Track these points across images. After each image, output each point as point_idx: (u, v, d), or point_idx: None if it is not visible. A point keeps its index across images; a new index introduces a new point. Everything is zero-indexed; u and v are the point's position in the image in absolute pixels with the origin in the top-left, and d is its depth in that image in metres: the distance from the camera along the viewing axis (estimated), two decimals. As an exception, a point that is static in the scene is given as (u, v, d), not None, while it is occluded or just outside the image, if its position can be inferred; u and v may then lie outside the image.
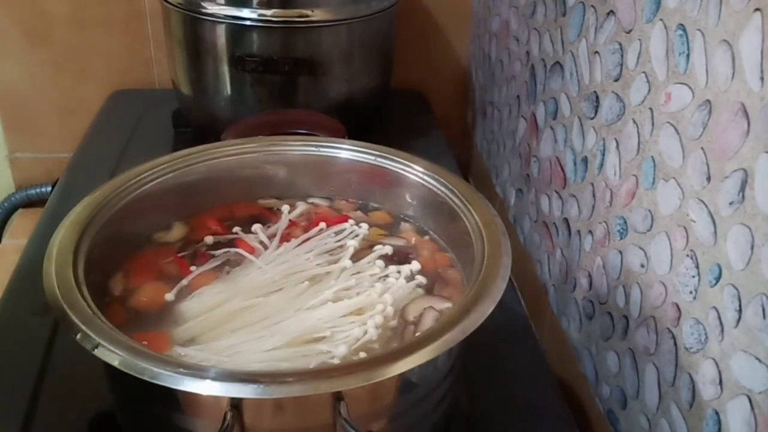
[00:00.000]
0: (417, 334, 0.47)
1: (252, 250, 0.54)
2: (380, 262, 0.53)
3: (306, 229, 0.56)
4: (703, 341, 0.46)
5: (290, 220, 0.57)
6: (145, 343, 0.44)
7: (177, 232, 0.56)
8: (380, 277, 0.51)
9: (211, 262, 0.52)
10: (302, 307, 0.48)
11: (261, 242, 0.55)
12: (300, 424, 0.41)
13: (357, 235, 0.56)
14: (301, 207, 0.59)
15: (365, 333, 0.46)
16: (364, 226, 0.57)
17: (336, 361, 0.44)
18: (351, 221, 0.57)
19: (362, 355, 0.45)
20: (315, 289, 0.50)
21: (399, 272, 0.52)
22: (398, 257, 0.54)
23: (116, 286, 0.50)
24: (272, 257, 0.53)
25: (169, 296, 0.49)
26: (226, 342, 0.45)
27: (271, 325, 0.47)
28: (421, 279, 0.52)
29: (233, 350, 0.45)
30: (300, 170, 0.60)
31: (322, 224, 0.56)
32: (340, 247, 0.54)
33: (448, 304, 0.49)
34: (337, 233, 0.56)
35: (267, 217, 0.58)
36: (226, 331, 0.47)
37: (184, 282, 0.50)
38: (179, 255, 0.53)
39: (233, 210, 0.58)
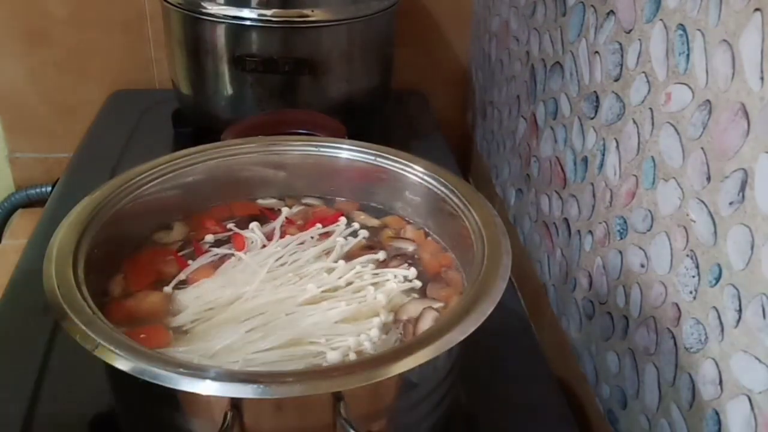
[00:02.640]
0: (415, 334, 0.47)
1: (243, 247, 0.54)
2: (371, 263, 0.53)
3: (302, 229, 0.56)
4: (703, 341, 0.46)
5: (287, 218, 0.57)
6: (143, 336, 0.44)
7: (177, 232, 0.56)
8: (374, 280, 0.51)
9: (206, 257, 0.53)
10: (294, 305, 0.48)
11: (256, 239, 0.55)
12: (300, 424, 0.41)
13: (356, 235, 0.56)
14: (298, 206, 0.59)
15: (360, 345, 0.46)
16: (356, 225, 0.57)
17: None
18: (343, 219, 0.57)
19: (352, 356, 0.45)
20: (303, 283, 0.50)
21: (394, 276, 0.52)
22: (398, 259, 0.54)
23: (116, 287, 0.50)
24: (266, 253, 0.53)
25: (167, 289, 0.50)
26: (219, 342, 0.45)
27: (264, 325, 0.47)
28: (416, 282, 0.52)
29: (226, 351, 0.45)
30: (300, 170, 0.60)
31: (318, 225, 0.56)
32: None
33: (441, 304, 0.49)
34: (330, 232, 0.56)
35: (266, 217, 0.58)
36: (218, 324, 0.47)
37: (182, 275, 0.51)
38: (179, 254, 0.53)
39: (233, 210, 0.58)
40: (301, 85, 0.85)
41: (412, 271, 0.52)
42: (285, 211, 0.58)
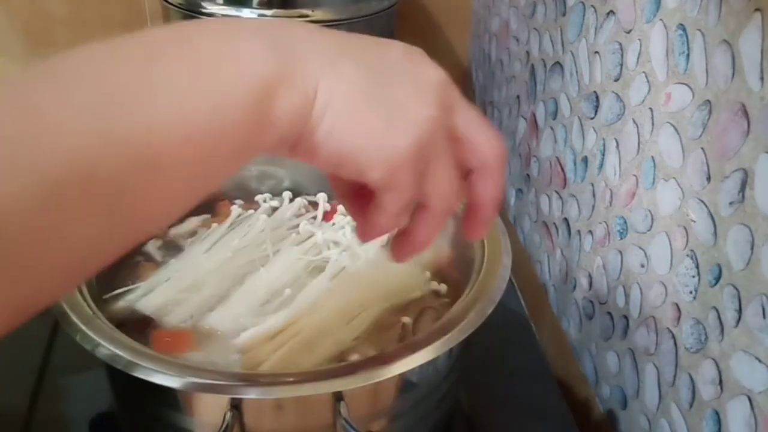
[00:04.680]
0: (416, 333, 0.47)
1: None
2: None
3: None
4: (703, 341, 0.46)
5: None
6: (168, 339, 0.44)
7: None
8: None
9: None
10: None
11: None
12: (300, 424, 0.41)
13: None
14: (298, 203, 0.59)
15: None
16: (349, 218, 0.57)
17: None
18: (341, 208, 0.57)
19: (356, 357, 0.45)
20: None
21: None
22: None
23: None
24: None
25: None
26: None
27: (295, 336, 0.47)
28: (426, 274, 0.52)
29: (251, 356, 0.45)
30: (300, 170, 0.60)
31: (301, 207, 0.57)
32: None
33: (440, 302, 0.49)
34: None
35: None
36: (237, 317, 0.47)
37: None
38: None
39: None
40: (301, 85, 0.85)
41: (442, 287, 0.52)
42: (322, 196, 0.59)
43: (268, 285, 0.49)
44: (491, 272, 0.45)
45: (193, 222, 0.55)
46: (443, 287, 0.50)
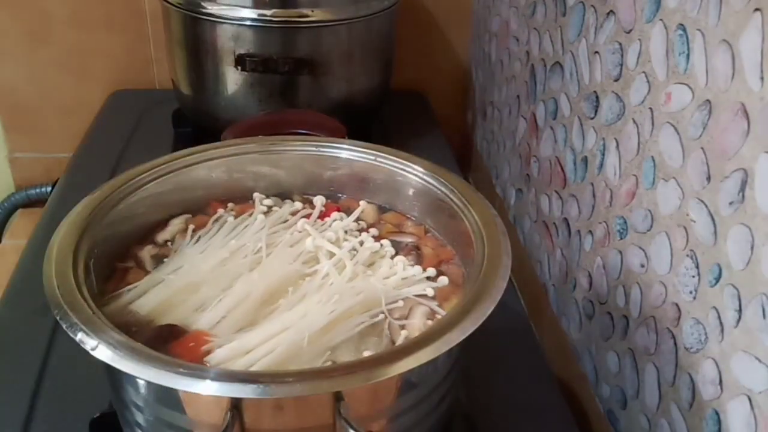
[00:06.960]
0: (403, 330, 0.47)
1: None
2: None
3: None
4: (703, 341, 0.46)
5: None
6: (192, 344, 0.44)
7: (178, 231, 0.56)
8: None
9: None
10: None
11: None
12: (300, 424, 0.41)
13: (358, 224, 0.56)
14: (297, 203, 0.59)
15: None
16: (348, 219, 0.57)
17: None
18: (337, 214, 0.57)
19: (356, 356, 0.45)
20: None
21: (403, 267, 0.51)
22: (402, 248, 0.54)
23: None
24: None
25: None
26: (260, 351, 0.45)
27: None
28: (430, 271, 0.52)
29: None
30: (300, 170, 0.60)
31: (301, 210, 0.57)
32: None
33: (435, 302, 0.49)
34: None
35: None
36: (241, 318, 0.47)
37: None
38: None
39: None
40: (301, 85, 0.85)
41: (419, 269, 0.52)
42: (319, 199, 0.58)
43: (258, 293, 0.48)
44: (491, 272, 0.45)
45: (176, 225, 0.55)
46: (429, 291, 0.50)
